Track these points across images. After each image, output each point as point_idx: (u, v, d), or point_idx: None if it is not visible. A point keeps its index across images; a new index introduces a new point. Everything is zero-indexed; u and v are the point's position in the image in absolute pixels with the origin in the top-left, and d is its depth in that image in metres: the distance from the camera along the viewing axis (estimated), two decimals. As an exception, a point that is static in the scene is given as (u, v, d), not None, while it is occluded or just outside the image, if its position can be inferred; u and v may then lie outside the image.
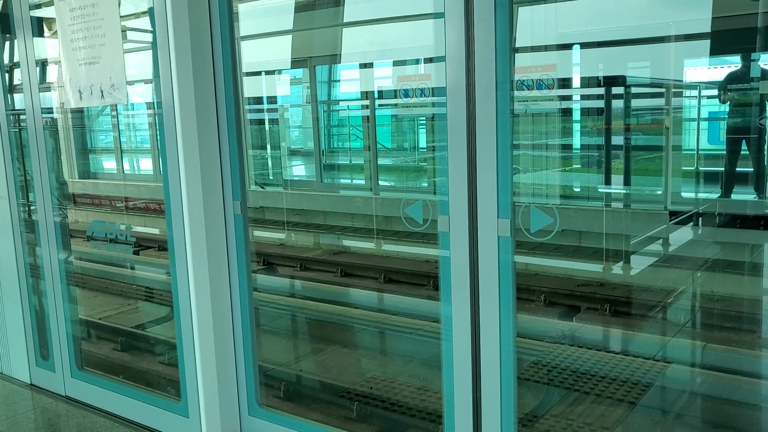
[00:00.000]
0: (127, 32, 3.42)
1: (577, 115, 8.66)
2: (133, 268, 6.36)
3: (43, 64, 4.25)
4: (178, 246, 3.34)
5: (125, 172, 9.31)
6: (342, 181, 11.10)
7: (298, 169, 11.45)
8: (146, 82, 3.47)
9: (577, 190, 8.73)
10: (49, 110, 4.01)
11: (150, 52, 3.22)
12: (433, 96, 2.80)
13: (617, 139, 7.87)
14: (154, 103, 3.30)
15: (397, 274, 6.82)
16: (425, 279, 6.23)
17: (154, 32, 3.16)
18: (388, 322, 5.84)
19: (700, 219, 7.12)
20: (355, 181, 10.90)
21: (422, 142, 9.62)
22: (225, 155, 3.32)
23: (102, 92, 3.27)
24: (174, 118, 3.18)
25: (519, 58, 2.60)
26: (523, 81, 2.51)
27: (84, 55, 3.35)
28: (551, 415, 3.73)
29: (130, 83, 3.72)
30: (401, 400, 3.91)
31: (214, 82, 3.28)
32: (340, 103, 11.17)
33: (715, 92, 8.07)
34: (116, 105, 7.34)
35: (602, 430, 3.50)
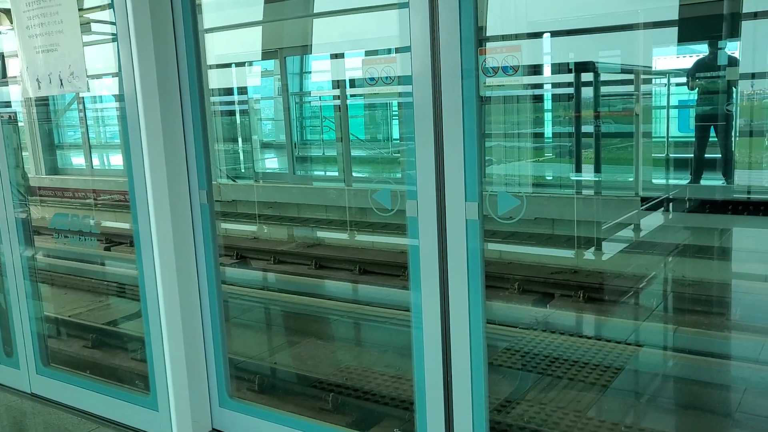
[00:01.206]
0: (91, 24, 3.37)
1: (545, 103, 8.71)
2: (103, 264, 6.28)
3: (2, 57, 4.16)
4: (143, 238, 3.29)
5: (94, 167, 9.17)
6: (315, 173, 11.05)
7: (271, 162, 11.37)
8: (114, 75, 3.41)
9: (549, 178, 8.79)
10: (7, 104, 3.92)
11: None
12: (399, 83, 2.78)
13: (587, 127, 7.93)
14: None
15: (372, 265, 6.81)
16: (400, 269, 6.24)
17: (114, 23, 3.11)
18: (363, 312, 5.83)
19: (671, 204, 7.21)
20: (328, 173, 10.86)
21: (396, 133, 9.60)
22: (190, 145, 3.28)
23: (61, 81, 3.20)
24: (137, 110, 3.15)
25: (488, 47, 2.60)
26: (488, 65, 2.50)
27: (41, 42, 3.27)
28: (524, 400, 3.75)
29: (98, 76, 3.65)
30: (375, 389, 3.90)
31: (178, 73, 3.23)
32: (312, 94, 11.11)
33: (684, 80, 8.17)
34: (83, 99, 7.22)
35: (575, 414, 3.52)
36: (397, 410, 3.64)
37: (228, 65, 9.98)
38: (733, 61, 7.48)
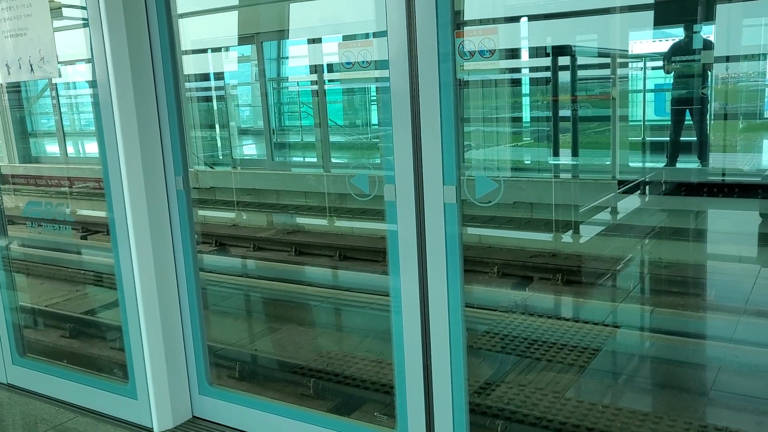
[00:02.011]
0: (63, 9, 3.30)
1: (523, 87, 8.73)
2: (79, 253, 6.21)
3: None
4: (119, 226, 3.25)
5: (69, 155, 9.03)
6: (294, 159, 10.99)
7: (249, 148, 11.29)
8: (87, 61, 3.35)
9: (528, 162, 8.83)
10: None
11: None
12: (376, 67, 2.77)
13: (565, 111, 7.97)
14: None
15: (352, 251, 6.81)
16: (380, 255, 6.24)
17: (85, 8, 3.06)
18: (343, 298, 5.83)
19: (647, 188, 7.28)
20: (307, 159, 10.81)
21: (374, 118, 9.58)
22: (165, 131, 3.24)
23: (31, 66, 3.14)
24: (110, 96, 3.11)
25: (465, 30, 2.60)
26: (465, 49, 2.50)
27: (10, 26, 3.20)
28: (504, 383, 3.78)
29: (71, 62, 3.59)
30: (356, 374, 3.91)
31: (152, 58, 3.19)
32: (290, 79, 11.03)
33: (660, 64, 8.22)
34: (56, 86, 7.09)
35: (553, 395, 3.56)
36: (378, 394, 3.65)
37: (204, 51, 9.86)
38: (708, 45, 7.54)
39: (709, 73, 7.60)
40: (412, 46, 2.53)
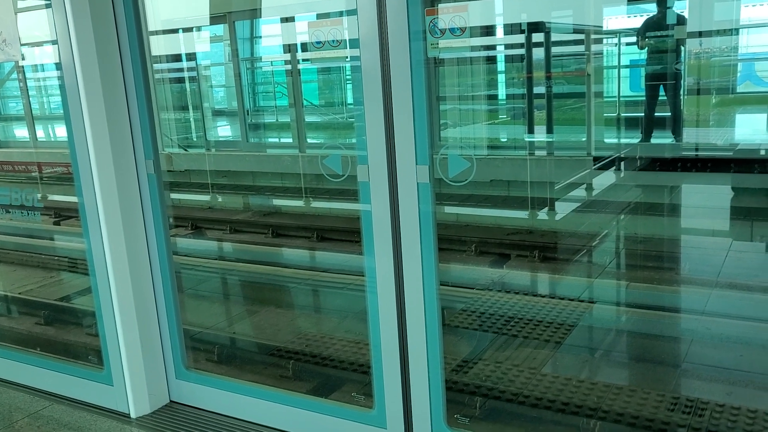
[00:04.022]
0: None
1: (498, 65, 8.71)
2: (52, 239, 6.12)
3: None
4: (90, 211, 3.21)
5: (38, 139, 8.86)
6: (269, 140, 10.89)
7: (224, 130, 11.16)
8: (54, 43, 3.27)
9: (504, 140, 8.84)
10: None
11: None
12: (347, 46, 2.73)
13: (540, 88, 7.97)
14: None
15: (330, 232, 6.78)
16: (357, 235, 6.21)
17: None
18: (321, 279, 5.82)
19: (622, 163, 7.33)
20: (282, 140, 10.72)
21: (350, 98, 9.51)
22: (134, 114, 3.18)
23: (-8, 49, 3.06)
24: (76, 78, 3.05)
25: (435, 8, 2.56)
26: (435, 26, 2.47)
27: (-31, 9, 3.11)
28: (480, 360, 3.81)
29: (38, 44, 3.50)
30: (335, 355, 3.91)
31: (118, 39, 3.12)
32: (263, 59, 10.89)
33: (634, 39, 8.24)
34: (23, 68, 6.93)
35: (529, 371, 3.59)
36: (357, 374, 3.66)
37: (175, 31, 9.68)
38: (681, 20, 7.57)
39: (683, 48, 7.64)
40: (382, 25, 2.50)
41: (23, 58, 3.08)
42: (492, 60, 8.45)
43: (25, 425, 3.38)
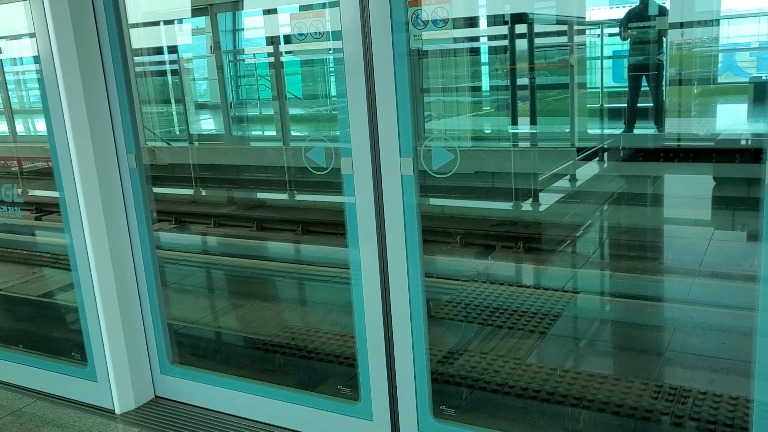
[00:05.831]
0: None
1: (481, 56, 8.70)
2: (33, 235, 6.06)
3: None
4: (71, 206, 3.17)
5: (18, 134, 8.75)
6: (253, 133, 10.82)
7: (207, 123, 11.08)
8: (32, 36, 3.22)
9: (488, 131, 8.85)
10: None
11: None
12: (331, 38, 2.72)
13: (523, 79, 7.98)
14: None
15: (314, 225, 6.77)
16: (342, 227, 6.20)
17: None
18: (307, 272, 5.81)
19: (606, 154, 7.37)
20: (266, 133, 10.65)
21: (334, 90, 9.46)
22: (115, 108, 3.15)
23: (-32, 42, 3.01)
24: (54, 72, 3.02)
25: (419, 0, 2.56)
26: (418, 17, 2.46)
27: (-56, 1, 3.06)
28: (466, 351, 3.82)
29: (16, 37, 3.46)
30: (320, 348, 3.91)
31: (97, 32, 3.08)
32: (246, 51, 10.81)
33: (616, 30, 8.27)
34: (1, 61, 6.83)
35: (514, 361, 3.61)
36: (342, 367, 3.66)
37: (156, 23, 9.58)
38: (663, 11, 7.60)
39: (664, 39, 7.68)
40: (365, 16, 2.49)
41: (0, 51, 3.03)
42: (475, 51, 8.44)
43: (7, 423, 3.35)
